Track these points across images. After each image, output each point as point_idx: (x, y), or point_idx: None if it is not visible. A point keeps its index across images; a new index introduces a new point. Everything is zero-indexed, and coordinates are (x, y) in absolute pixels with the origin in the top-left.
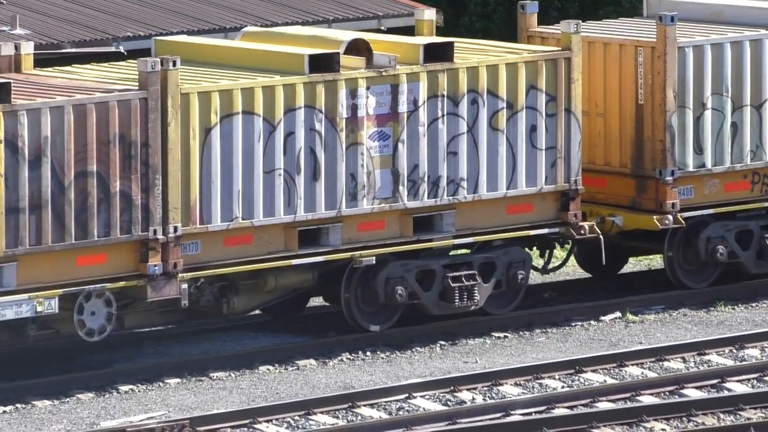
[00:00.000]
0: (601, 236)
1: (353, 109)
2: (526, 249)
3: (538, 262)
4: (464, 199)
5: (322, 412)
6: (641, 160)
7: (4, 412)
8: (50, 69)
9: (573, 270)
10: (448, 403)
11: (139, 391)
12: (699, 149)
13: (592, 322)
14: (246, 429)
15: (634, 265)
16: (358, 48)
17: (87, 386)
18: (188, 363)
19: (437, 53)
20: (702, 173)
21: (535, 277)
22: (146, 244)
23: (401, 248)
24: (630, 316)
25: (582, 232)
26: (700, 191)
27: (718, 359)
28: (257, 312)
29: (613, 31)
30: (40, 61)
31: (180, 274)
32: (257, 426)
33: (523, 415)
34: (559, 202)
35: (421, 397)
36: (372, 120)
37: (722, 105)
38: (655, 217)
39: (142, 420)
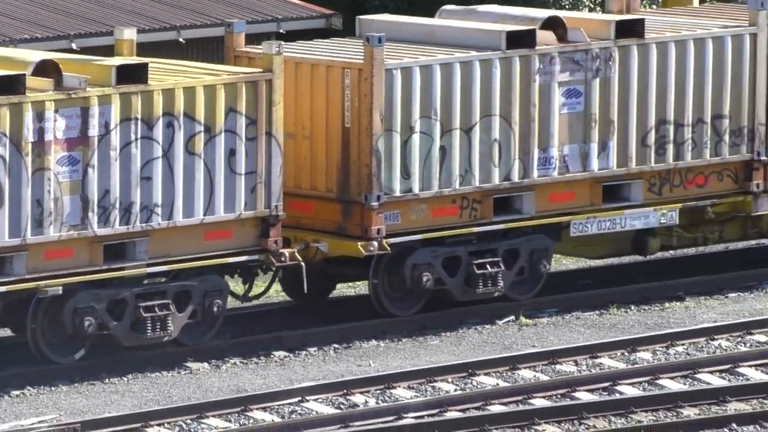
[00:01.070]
0: (302, 263)
1: (40, 132)
2: (225, 277)
3: (243, 288)
4: (158, 226)
5: (214, 416)
6: (347, 184)
7: None
8: None
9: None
10: (341, 406)
11: (30, 394)
12: (406, 174)
13: (486, 325)
14: None
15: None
16: (46, 69)
17: None
18: (81, 367)
19: (131, 75)
20: (409, 198)
21: None
22: None
23: (91, 277)
24: (524, 320)
25: (282, 259)
26: (407, 217)
27: (610, 362)
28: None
29: (321, 51)
30: None
31: None
32: (148, 430)
33: (416, 418)
34: (259, 228)
35: (314, 400)
36: (60, 144)
37: (431, 128)
38: (359, 243)
39: (33, 423)
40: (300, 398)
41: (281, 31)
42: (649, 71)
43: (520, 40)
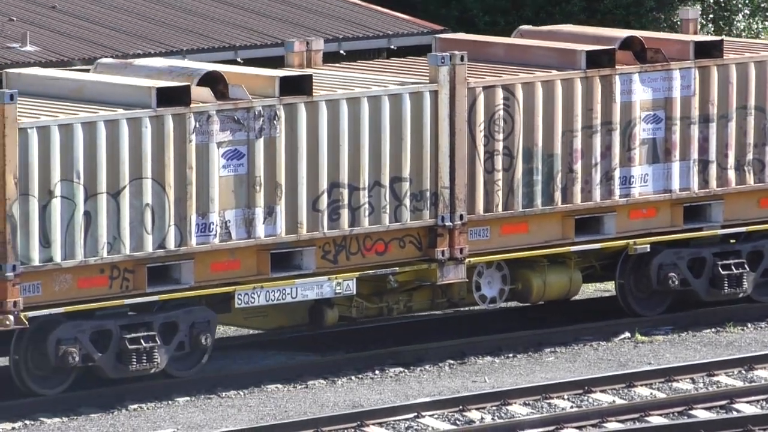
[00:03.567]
0: None
1: None
2: None
3: None
4: None
5: (330, 431)
6: None
7: (13, 428)
8: None
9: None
10: (457, 422)
11: (147, 408)
12: (46, 241)
13: (602, 342)
14: None
15: None
16: None
17: (96, 403)
18: (197, 381)
19: None
20: (50, 268)
21: None
22: None
23: None
24: (639, 337)
25: None
26: (50, 288)
27: (727, 380)
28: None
29: None
30: None
31: None
32: None
33: None
34: None
35: (430, 416)
36: None
37: (73, 192)
38: None
39: None
40: (416, 414)
41: (392, 47)
42: (320, 131)
43: (173, 97)
